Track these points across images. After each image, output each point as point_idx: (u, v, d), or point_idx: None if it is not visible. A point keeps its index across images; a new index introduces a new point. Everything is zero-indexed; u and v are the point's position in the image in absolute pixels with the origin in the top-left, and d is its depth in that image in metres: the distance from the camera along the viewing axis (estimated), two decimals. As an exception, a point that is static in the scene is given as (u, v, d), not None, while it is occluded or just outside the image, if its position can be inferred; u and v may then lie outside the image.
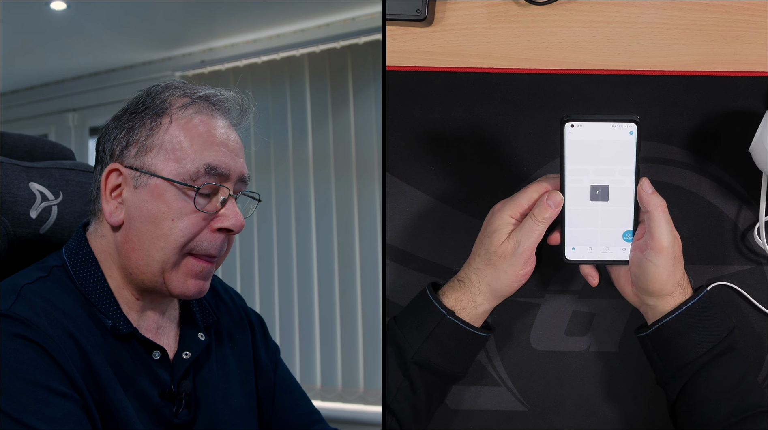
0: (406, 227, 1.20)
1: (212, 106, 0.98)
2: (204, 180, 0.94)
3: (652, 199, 1.02)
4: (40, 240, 1.06)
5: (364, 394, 2.68)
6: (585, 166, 1.05)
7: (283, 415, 1.10)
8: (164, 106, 0.96)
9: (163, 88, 0.98)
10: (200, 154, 0.94)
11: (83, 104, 3.43)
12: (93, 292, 0.95)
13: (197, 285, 0.96)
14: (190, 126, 0.95)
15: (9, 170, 1.04)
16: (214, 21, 2.78)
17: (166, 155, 0.94)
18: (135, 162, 0.94)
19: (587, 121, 1.03)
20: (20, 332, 0.87)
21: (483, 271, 1.06)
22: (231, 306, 1.11)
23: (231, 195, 0.95)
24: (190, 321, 1.03)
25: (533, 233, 1.04)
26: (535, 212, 1.04)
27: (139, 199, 0.94)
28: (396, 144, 1.21)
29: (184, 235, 0.93)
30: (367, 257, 2.69)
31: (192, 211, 0.93)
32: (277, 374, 1.12)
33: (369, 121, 2.69)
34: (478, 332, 1.06)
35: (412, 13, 1.21)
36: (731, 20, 1.21)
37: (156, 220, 0.93)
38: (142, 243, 0.94)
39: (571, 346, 1.18)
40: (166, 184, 0.93)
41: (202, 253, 0.95)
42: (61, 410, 0.85)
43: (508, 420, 1.17)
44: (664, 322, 1.03)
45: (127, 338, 0.95)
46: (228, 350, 1.06)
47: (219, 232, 0.95)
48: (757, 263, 1.18)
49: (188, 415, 0.97)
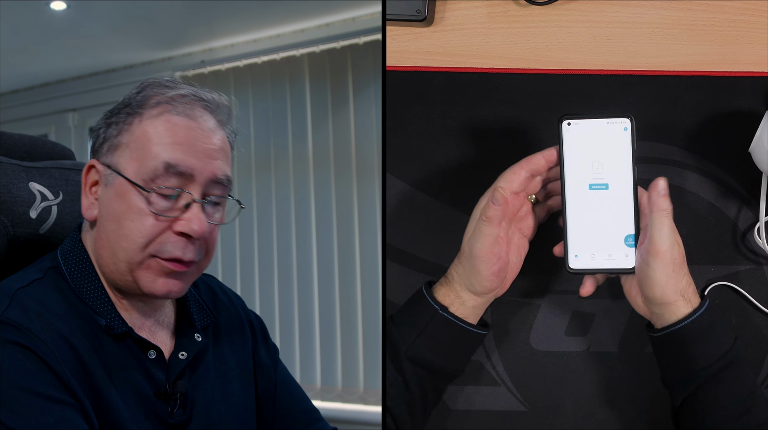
0: (406, 227, 1.20)
1: (187, 105, 0.95)
2: (163, 180, 0.91)
3: (659, 201, 1.01)
4: (39, 240, 1.06)
5: (364, 394, 2.68)
6: (583, 165, 1.06)
7: (284, 414, 1.10)
8: (140, 104, 0.94)
9: (148, 85, 0.96)
10: (161, 152, 0.92)
11: (83, 104, 3.43)
12: (87, 292, 0.94)
13: (166, 284, 0.94)
14: (157, 124, 0.93)
15: (9, 170, 1.04)
16: (214, 21, 2.78)
17: (131, 154, 0.92)
18: (107, 159, 0.94)
19: (583, 119, 1.05)
20: (13, 338, 0.86)
21: (458, 268, 1.06)
22: (230, 307, 1.10)
23: (195, 200, 0.93)
24: (187, 322, 1.02)
25: (482, 234, 1.03)
26: (483, 211, 1.04)
27: (107, 197, 0.93)
28: (396, 144, 1.21)
29: (142, 235, 0.91)
30: (367, 257, 2.69)
31: (150, 213, 0.91)
32: (278, 373, 1.11)
33: (369, 121, 2.69)
34: (472, 328, 1.06)
35: (412, 13, 1.21)
36: (731, 20, 1.21)
37: (119, 219, 0.92)
38: (109, 242, 0.93)
39: (571, 346, 1.18)
40: (128, 184, 0.92)
41: (166, 256, 0.93)
42: (53, 415, 0.84)
43: (508, 420, 1.17)
44: (671, 330, 1.01)
45: (122, 337, 0.94)
46: (227, 350, 1.06)
47: (181, 235, 0.93)
48: (757, 263, 1.18)
49: (183, 415, 0.96)
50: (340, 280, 2.75)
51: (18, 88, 3.54)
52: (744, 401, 1.01)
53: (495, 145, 1.20)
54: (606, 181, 1.06)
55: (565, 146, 1.06)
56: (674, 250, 1.00)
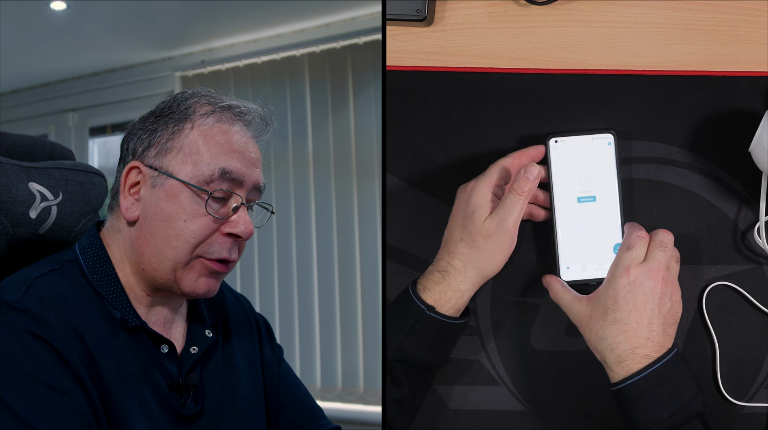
0: (406, 226, 1.20)
1: (234, 116, 1.00)
2: (218, 184, 0.96)
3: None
4: (39, 240, 1.06)
5: (364, 394, 2.68)
6: (570, 179, 1.12)
7: (288, 409, 1.12)
8: (188, 113, 0.99)
9: (190, 95, 1.01)
10: (216, 159, 0.97)
11: (83, 104, 3.43)
12: (104, 285, 0.97)
13: (207, 283, 0.98)
14: (209, 133, 0.98)
15: (8, 170, 1.04)
16: (214, 21, 2.78)
17: (184, 158, 0.97)
18: (154, 162, 0.97)
19: (569, 136, 1.12)
20: (27, 326, 0.89)
21: (468, 255, 1.07)
22: (238, 307, 1.13)
23: (243, 203, 0.98)
24: (198, 319, 1.05)
25: (515, 207, 1.06)
26: (515, 186, 1.06)
27: (155, 197, 0.97)
28: (396, 144, 1.21)
29: (195, 236, 0.96)
30: (367, 257, 2.69)
31: (204, 214, 0.96)
32: (282, 370, 1.14)
33: (369, 121, 2.69)
34: (457, 322, 1.08)
35: (412, 13, 1.21)
36: (731, 20, 1.21)
37: (169, 219, 0.96)
38: (155, 240, 0.96)
39: (571, 346, 1.18)
40: (181, 186, 0.96)
41: (213, 256, 0.97)
42: (62, 406, 0.87)
43: (508, 420, 1.17)
44: (616, 388, 1.01)
45: (135, 330, 0.97)
46: (236, 346, 1.08)
47: (228, 236, 0.98)
48: (757, 262, 1.18)
49: (196, 407, 0.99)
50: (340, 280, 2.75)
51: (18, 88, 3.54)
52: None
53: (495, 146, 1.20)
54: (593, 194, 1.12)
55: (552, 163, 1.12)
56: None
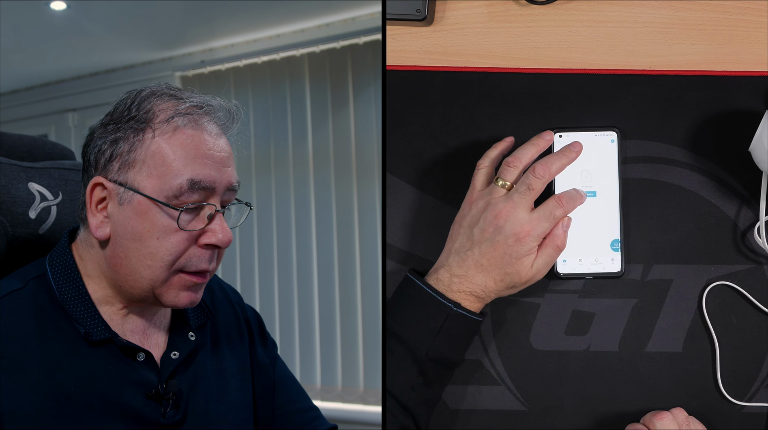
0: (406, 226, 1.20)
1: (197, 116, 0.93)
2: (188, 197, 0.91)
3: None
4: (39, 240, 1.06)
5: (364, 394, 2.68)
6: (572, 173, 1.12)
7: (283, 411, 1.10)
8: (148, 118, 0.92)
9: (148, 95, 0.94)
10: (183, 169, 0.91)
11: (83, 104, 3.43)
12: (70, 300, 0.94)
13: (189, 296, 0.95)
14: (173, 140, 0.91)
15: (8, 170, 1.04)
16: (214, 21, 2.78)
17: (149, 171, 0.91)
18: (119, 177, 0.92)
19: (573, 131, 1.13)
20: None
21: (502, 292, 1.09)
22: (227, 305, 1.10)
23: (218, 210, 0.93)
24: (181, 322, 1.02)
25: (554, 257, 1.08)
26: (558, 243, 1.07)
27: (124, 215, 0.92)
28: (396, 144, 1.21)
29: (170, 253, 0.92)
30: (367, 257, 2.69)
31: (177, 230, 0.91)
32: (276, 371, 1.12)
33: (369, 121, 2.69)
34: (479, 319, 1.09)
35: (412, 13, 1.21)
36: (731, 20, 1.21)
37: (141, 238, 0.91)
38: (129, 260, 0.92)
39: (571, 346, 1.18)
40: (149, 202, 0.91)
41: (192, 269, 0.93)
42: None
43: (508, 420, 1.17)
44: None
45: (103, 343, 0.94)
46: (225, 348, 1.06)
47: (207, 247, 0.93)
48: (757, 262, 1.18)
49: (177, 414, 0.96)
50: (340, 280, 2.75)
51: (18, 88, 3.54)
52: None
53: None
54: (594, 189, 1.13)
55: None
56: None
